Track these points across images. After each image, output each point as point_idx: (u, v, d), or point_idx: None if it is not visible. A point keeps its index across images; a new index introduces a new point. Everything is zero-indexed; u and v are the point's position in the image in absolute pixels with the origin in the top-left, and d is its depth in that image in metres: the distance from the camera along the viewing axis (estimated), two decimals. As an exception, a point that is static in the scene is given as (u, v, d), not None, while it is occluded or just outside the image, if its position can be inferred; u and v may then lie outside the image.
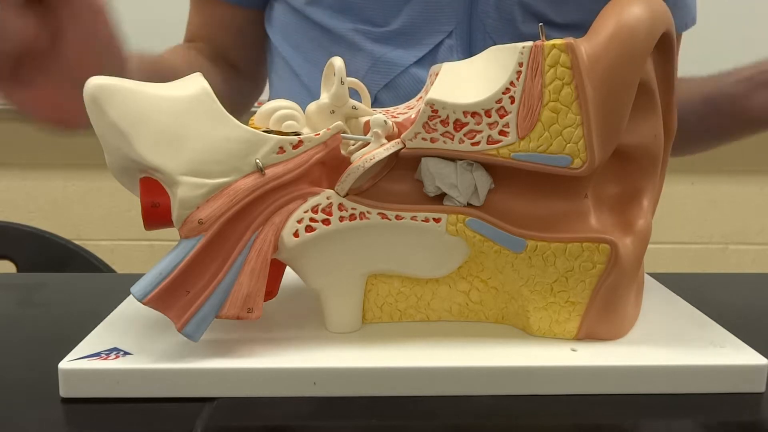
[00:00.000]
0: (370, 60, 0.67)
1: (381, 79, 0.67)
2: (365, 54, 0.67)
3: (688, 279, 0.48)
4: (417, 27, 0.66)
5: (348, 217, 0.42)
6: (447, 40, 0.66)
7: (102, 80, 0.39)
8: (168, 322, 0.42)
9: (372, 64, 0.60)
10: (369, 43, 0.67)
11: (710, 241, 1.75)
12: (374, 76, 0.67)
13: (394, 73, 0.67)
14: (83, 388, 0.39)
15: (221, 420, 0.38)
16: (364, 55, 0.67)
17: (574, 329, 0.44)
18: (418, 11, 0.66)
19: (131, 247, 1.69)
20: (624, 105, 0.41)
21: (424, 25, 0.66)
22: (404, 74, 0.67)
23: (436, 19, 0.66)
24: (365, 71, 0.67)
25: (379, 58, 0.67)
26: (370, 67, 0.52)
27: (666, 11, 0.43)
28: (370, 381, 0.40)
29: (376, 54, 0.67)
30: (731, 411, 0.40)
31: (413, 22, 0.66)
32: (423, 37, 0.63)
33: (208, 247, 0.40)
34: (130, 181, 0.42)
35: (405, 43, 0.67)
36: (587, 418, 0.39)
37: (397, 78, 0.67)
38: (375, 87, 0.67)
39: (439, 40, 0.66)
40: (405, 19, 0.66)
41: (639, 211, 0.45)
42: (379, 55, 0.67)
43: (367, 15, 0.67)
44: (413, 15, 0.66)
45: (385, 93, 0.67)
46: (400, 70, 0.67)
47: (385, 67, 0.67)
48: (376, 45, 0.67)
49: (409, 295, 0.46)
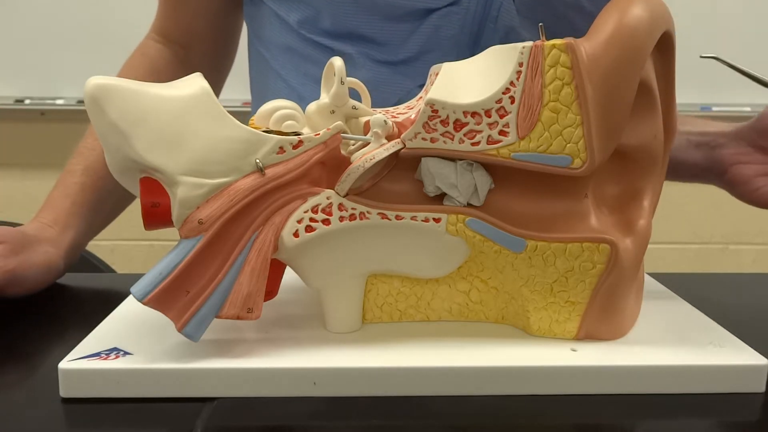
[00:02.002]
0: (374, 81, 0.65)
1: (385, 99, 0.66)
2: (369, 73, 0.66)
3: (688, 279, 0.48)
4: (424, 53, 0.65)
5: (348, 217, 0.42)
6: None
7: (102, 80, 0.39)
8: (168, 322, 0.42)
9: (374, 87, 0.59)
10: (373, 64, 0.66)
11: (710, 241, 1.75)
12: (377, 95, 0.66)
13: (398, 95, 0.66)
14: (83, 388, 0.39)
15: (221, 420, 0.38)
16: (367, 75, 0.66)
17: (574, 329, 0.44)
18: (425, 39, 0.65)
19: (131, 247, 1.69)
20: (624, 105, 0.41)
21: (432, 50, 0.65)
22: (406, 96, 0.66)
23: (442, 46, 0.65)
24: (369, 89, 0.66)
25: (383, 80, 0.66)
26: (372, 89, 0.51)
27: (666, 11, 0.43)
28: (370, 381, 0.40)
29: (380, 76, 0.66)
30: (731, 411, 0.40)
31: (421, 49, 0.65)
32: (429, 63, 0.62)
33: (208, 247, 0.40)
34: (130, 181, 0.42)
35: (410, 71, 0.66)
36: (587, 418, 0.39)
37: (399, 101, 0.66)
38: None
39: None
40: (413, 47, 0.65)
41: (639, 211, 0.45)
42: (384, 77, 0.66)
43: (373, 40, 0.66)
44: (422, 41, 0.65)
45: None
46: (404, 93, 0.66)
47: (390, 88, 0.66)
48: (381, 66, 0.66)
49: (409, 295, 0.46)
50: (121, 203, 0.71)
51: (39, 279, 0.56)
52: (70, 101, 1.56)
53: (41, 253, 0.57)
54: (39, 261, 0.56)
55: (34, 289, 0.56)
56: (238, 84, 0.92)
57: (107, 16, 1.51)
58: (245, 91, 0.82)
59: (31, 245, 0.57)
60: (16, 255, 0.54)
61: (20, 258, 0.54)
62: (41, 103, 1.57)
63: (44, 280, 0.57)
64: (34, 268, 0.55)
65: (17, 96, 1.56)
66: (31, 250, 0.56)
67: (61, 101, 1.56)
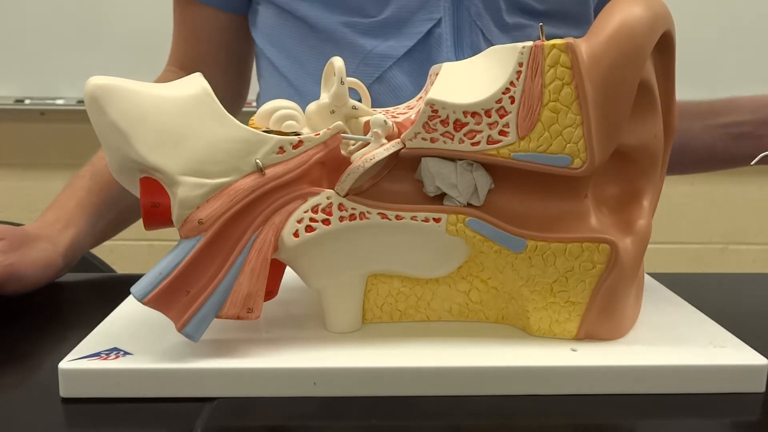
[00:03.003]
0: (360, 54, 0.67)
1: (372, 72, 0.67)
2: (354, 48, 0.68)
3: (688, 279, 0.48)
4: (406, 15, 0.67)
5: (348, 217, 0.42)
6: (436, 28, 0.67)
7: (102, 80, 0.39)
8: (168, 322, 0.42)
9: (362, 58, 0.60)
10: (358, 37, 0.68)
11: (710, 241, 1.74)
12: (365, 69, 0.68)
13: (384, 66, 0.67)
14: (83, 388, 0.39)
15: (221, 420, 0.38)
16: (354, 49, 0.68)
17: (574, 329, 0.44)
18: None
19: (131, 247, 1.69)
20: (624, 105, 0.41)
21: (413, 13, 0.67)
22: (394, 67, 0.67)
23: (424, 7, 0.67)
24: (355, 66, 0.67)
25: (369, 52, 0.67)
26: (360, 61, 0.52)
27: (666, 11, 0.43)
28: (370, 381, 0.40)
29: (366, 47, 0.67)
30: (731, 411, 0.40)
31: (402, 11, 0.67)
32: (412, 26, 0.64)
33: (208, 247, 0.40)
34: (130, 181, 0.42)
35: (394, 34, 0.67)
36: (587, 418, 0.39)
37: (387, 71, 0.67)
38: (366, 81, 0.67)
39: (428, 29, 0.67)
40: (394, 8, 0.67)
41: (639, 211, 0.45)
42: (369, 48, 0.67)
43: (357, 6, 0.67)
44: (403, 3, 0.67)
45: (377, 87, 0.68)
46: (390, 63, 0.67)
47: (375, 61, 0.67)
48: (365, 38, 0.68)
49: (409, 295, 0.46)
50: (127, 213, 0.72)
51: (38, 276, 0.56)
52: (70, 101, 1.56)
53: (40, 250, 0.57)
54: (37, 257, 0.56)
55: (33, 285, 0.56)
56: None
57: (107, 16, 1.51)
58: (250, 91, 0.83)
59: (30, 242, 0.57)
60: (14, 251, 0.55)
61: (19, 254, 0.55)
62: (41, 103, 1.57)
63: (43, 277, 0.57)
64: (33, 265, 0.56)
65: (17, 96, 1.56)
66: (29, 247, 0.56)
67: (61, 101, 1.56)
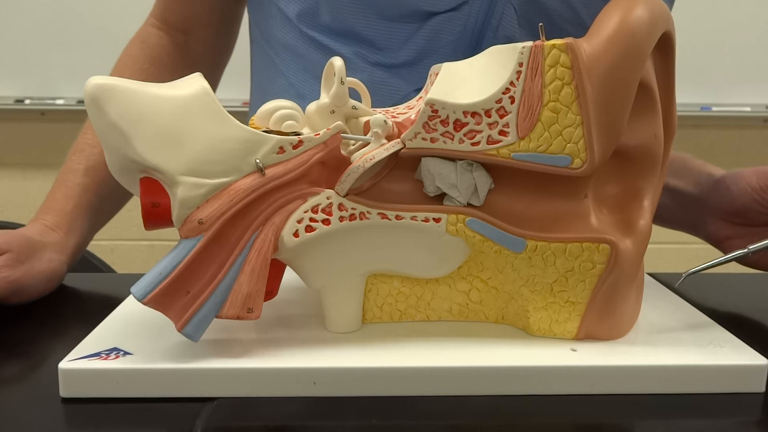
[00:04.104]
0: (369, 83, 0.65)
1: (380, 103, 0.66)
2: (364, 76, 0.65)
3: (688, 279, 0.48)
4: (422, 58, 0.65)
5: (348, 217, 0.42)
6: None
7: (102, 80, 0.39)
8: (168, 322, 0.42)
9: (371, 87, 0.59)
10: (369, 66, 0.66)
11: (710, 241, 1.74)
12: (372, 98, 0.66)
13: (393, 99, 0.65)
14: (83, 388, 0.39)
15: (221, 420, 0.38)
16: (363, 77, 0.65)
17: (574, 329, 0.44)
18: (423, 43, 0.64)
19: (131, 247, 1.69)
20: (624, 105, 0.41)
21: (429, 55, 0.65)
22: (404, 99, 0.66)
23: (440, 52, 0.65)
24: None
25: (379, 83, 0.65)
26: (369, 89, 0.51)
27: (666, 11, 0.43)
28: (370, 381, 0.40)
29: (376, 78, 0.66)
30: (731, 411, 0.40)
31: (419, 54, 0.65)
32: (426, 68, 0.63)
33: (208, 247, 0.40)
34: (129, 180, 0.42)
35: (407, 74, 0.66)
36: (587, 418, 0.39)
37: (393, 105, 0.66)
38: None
39: None
40: (411, 51, 0.65)
41: (639, 211, 0.45)
42: (380, 80, 0.66)
43: (370, 41, 0.65)
44: (420, 45, 0.64)
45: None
46: (400, 97, 0.66)
47: (385, 91, 0.66)
48: (376, 69, 0.66)
49: (409, 295, 0.46)
50: (121, 202, 0.71)
51: (42, 288, 0.56)
52: (70, 101, 1.56)
53: (46, 261, 0.57)
54: (43, 269, 0.56)
55: (36, 297, 0.56)
56: (238, 84, 0.92)
57: (107, 16, 1.51)
58: (245, 91, 0.82)
59: (36, 253, 0.56)
60: (21, 264, 0.54)
61: (25, 267, 0.54)
62: (41, 103, 1.57)
63: (47, 288, 0.57)
64: (38, 277, 0.55)
65: (17, 96, 1.57)
66: (35, 258, 0.56)
67: (61, 101, 1.56)
